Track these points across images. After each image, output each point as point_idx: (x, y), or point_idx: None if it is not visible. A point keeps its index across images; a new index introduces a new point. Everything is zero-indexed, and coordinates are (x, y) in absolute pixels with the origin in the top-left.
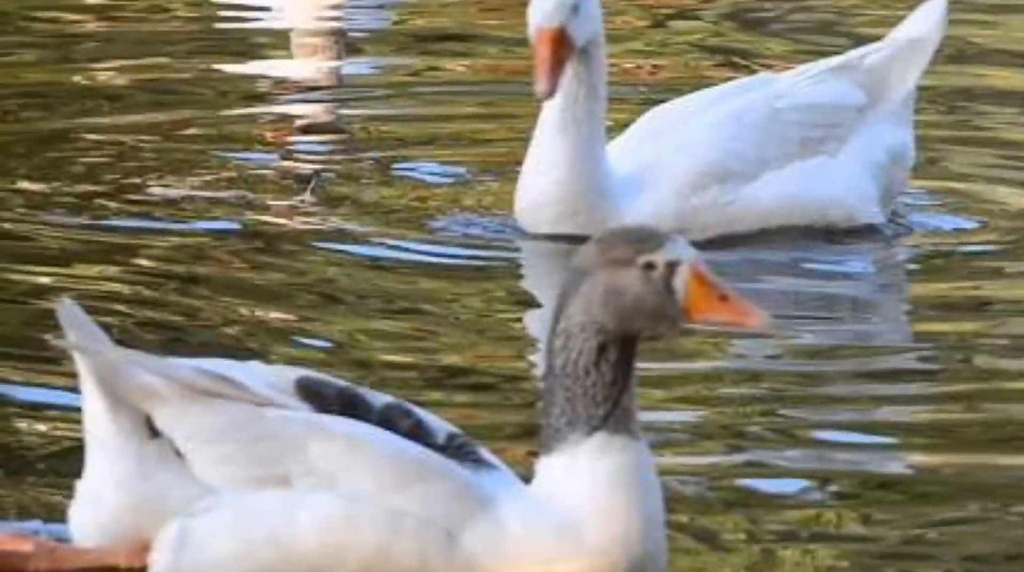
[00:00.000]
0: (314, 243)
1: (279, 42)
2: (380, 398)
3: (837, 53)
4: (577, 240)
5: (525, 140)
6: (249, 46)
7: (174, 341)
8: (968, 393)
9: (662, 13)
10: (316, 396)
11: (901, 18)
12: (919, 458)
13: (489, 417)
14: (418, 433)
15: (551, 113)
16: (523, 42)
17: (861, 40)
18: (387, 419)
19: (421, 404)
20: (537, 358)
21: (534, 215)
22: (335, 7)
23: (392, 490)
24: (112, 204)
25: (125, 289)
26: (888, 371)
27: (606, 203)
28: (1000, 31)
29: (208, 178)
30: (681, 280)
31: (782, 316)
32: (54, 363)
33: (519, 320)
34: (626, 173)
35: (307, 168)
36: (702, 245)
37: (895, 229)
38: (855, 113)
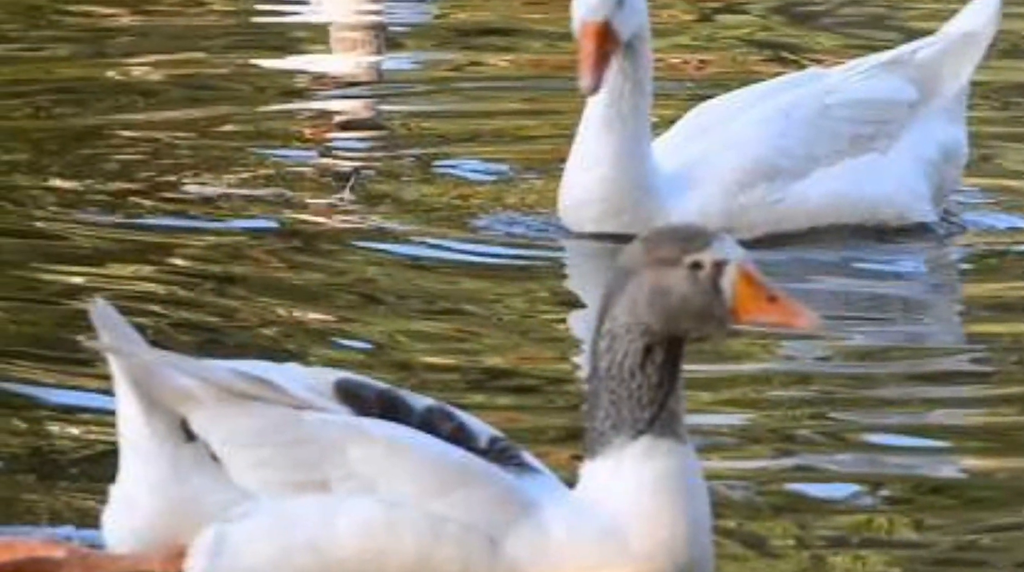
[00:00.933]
0: (353, 242)
1: (318, 36)
2: (421, 401)
3: (888, 47)
4: (622, 239)
5: (569, 137)
6: (287, 40)
7: (210, 342)
8: (1023, 395)
9: (709, 7)
10: (355, 399)
11: (954, 11)
12: (972, 462)
13: (532, 420)
14: (460, 437)
15: (596, 109)
16: (567, 36)
17: (913, 34)
18: (428, 422)
19: (463, 407)
20: (581, 360)
21: (578, 213)
22: (375, 0)
23: (433, 495)
24: (147, 202)
25: (160, 289)
26: (941, 373)
27: (652, 201)
28: None
29: (245, 176)
30: (729, 280)
31: (832, 317)
32: (87, 365)
33: (563, 321)
34: (672, 170)
35: (346, 165)
36: (750, 244)
37: (948, 228)
38: (907, 109)
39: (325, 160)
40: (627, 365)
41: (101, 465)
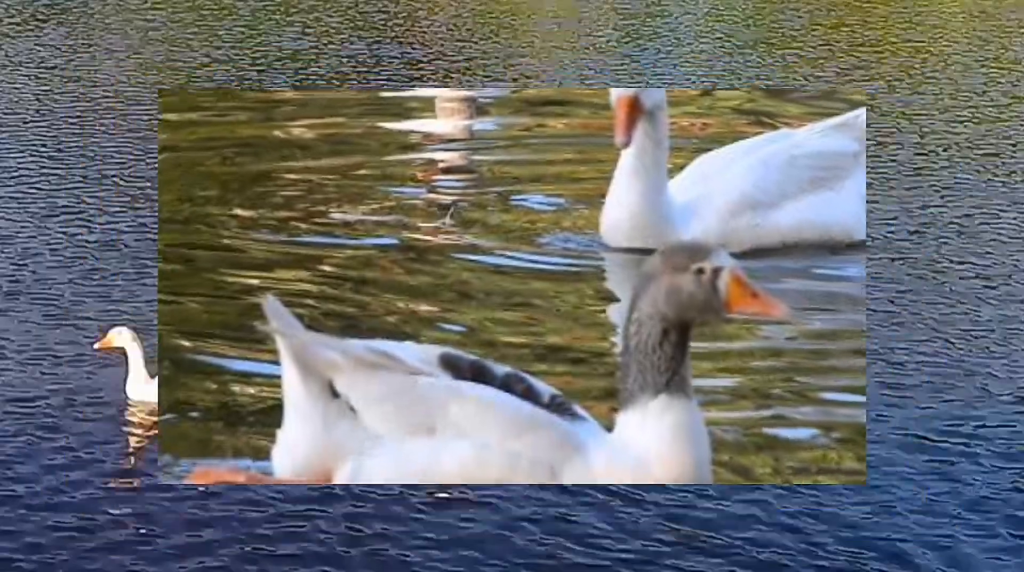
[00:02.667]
0: (453, 254)
1: (427, 106)
2: (501, 369)
3: (839, 114)
4: (646, 252)
5: (608, 178)
6: (404, 109)
7: (349, 327)
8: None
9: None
10: (454, 368)
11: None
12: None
13: (582, 383)
14: (529, 395)
15: (627, 159)
16: (607, 106)
17: (855, 105)
18: (506, 385)
19: (531, 373)
20: (617, 339)
21: (615, 233)
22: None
23: (511, 438)
24: (303, 225)
25: (313, 288)
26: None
27: (668, 225)
28: None
29: (374, 206)
30: (723, 282)
31: (797, 308)
32: (261, 343)
33: (603, 311)
34: (682, 203)
35: (447, 199)
36: (739, 256)
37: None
38: (852, 158)
39: (432, 195)
40: (650, 343)
41: (271, 415)
